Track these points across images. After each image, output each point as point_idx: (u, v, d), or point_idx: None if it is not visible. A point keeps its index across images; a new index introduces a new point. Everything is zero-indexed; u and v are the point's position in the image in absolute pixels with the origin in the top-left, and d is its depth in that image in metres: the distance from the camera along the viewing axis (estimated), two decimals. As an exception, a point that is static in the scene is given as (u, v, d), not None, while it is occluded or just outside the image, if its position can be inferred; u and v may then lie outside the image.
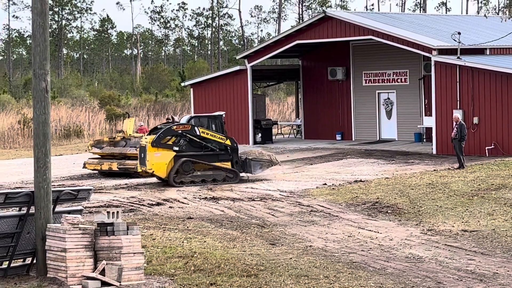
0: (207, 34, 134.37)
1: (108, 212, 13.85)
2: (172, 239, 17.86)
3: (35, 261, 14.31)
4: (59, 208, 14.78)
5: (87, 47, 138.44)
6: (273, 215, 21.55)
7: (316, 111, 44.35)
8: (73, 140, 51.33)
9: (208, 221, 20.70)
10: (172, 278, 14.09)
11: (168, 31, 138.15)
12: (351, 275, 14.42)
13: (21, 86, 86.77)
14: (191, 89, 45.66)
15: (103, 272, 13.47)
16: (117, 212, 13.86)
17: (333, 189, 25.62)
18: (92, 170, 32.13)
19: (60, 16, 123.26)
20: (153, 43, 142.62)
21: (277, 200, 23.99)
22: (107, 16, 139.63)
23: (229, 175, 28.62)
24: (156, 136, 27.96)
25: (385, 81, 41.88)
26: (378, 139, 42.07)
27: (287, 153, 38.03)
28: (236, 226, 19.93)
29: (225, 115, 31.19)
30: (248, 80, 42.58)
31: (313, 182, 27.55)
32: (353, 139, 42.86)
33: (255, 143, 42.41)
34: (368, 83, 42.50)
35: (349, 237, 18.33)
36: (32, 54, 14.36)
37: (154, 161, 27.88)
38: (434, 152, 35.25)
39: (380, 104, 42.23)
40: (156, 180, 28.93)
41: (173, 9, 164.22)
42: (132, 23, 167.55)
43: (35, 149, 14.28)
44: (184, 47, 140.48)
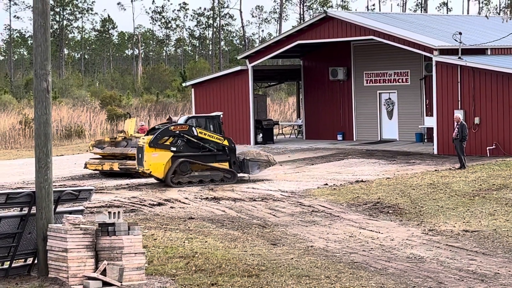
0: (208, 34, 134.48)
1: (109, 212, 13.86)
2: (173, 239, 17.86)
3: (36, 261, 14.31)
4: (60, 208, 14.79)
5: (88, 47, 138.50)
6: (274, 215, 21.55)
7: (317, 111, 44.34)
8: (74, 140, 51.32)
9: (209, 221, 20.70)
10: (173, 278, 14.09)
11: (169, 31, 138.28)
12: (352, 275, 14.42)
13: (22, 86, 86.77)
14: (192, 89, 45.64)
15: (104, 272, 13.48)
16: (118, 212, 13.87)
17: (334, 189, 25.61)
18: (93, 170, 32.14)
19: (61, 16, 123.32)
20: (154, 43, 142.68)
21: (278, 200, 23.98)
22: (108, 16, 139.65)
23: (226, 176, 28.56)
24: (153, 137, 27.92)
25: (386, 81, 41.87)
26: (379, 139, 42.06)
27: (288, 153, 38.02)
28: (237, 226, 19.93)
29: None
30: (249, 80, 42.57)
31: (314, 182, 27.54)
32: (354, 139, 42.85)
33: (256, 143, 42.39)
34: (369, 83, 42.49)
35: (350, 237, 18.32)
36: (33, 54, 14.36)
37: (152, 161, 27.85)
38: (435, 152, 35.24)
39: (381, 104, 42.22)
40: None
41: (174, 9, 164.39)
42: (133, 23, 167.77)
43: (36, 149, 14.29)
44: (185, 47, 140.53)
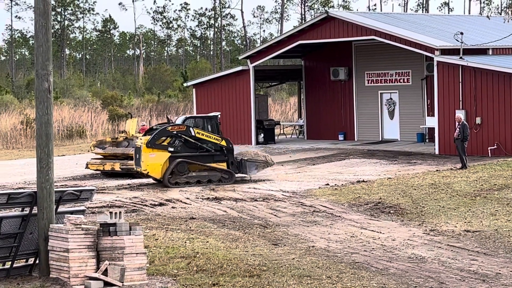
0: (210, 34, 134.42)
1: (110, 213, 13.87)
2: (174, 239, 17.86)
3: (37, 261, 14.31)
4: (61, 209, 14.78)
5: (89, 48, 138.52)
6: (275, 215, 21.54)
7: (319, 111, 44.33)
8: (75, 141, 51.32)
9: (210, 221, 20.70)
10: (175, 278, 14.09)
11: (171, 32, 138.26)
12: (353, 275, 14.42)
13: (24, 86, 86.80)
14: (194, 90, 45.63)
15: (105, 273, 13.48)
16: (120, 212, 13.87)
17: (335, 189, 25.61)
18: (95, 170, 32.15)
19: (63, 16, 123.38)
20: (155, 43, 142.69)
21: (279, 200, 23.98)
22: (110, 16, 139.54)
23: (224, 176, 28.52)
24: (151, 137, 27.90)
25: (388, 81, 41.86)
26: (380, 139, 42.05)
27: (289, 153, 38.02)
28: (238, 227, 19.93)
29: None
30: (251, 80, 42.57)
31: (316, 183, 27.54)
32: (355, 139, 42.85)
33: (257, 143, 42.40)
34: (371, 83, 42.49)
35: (351, 237, 18.32)
36: (35, 55, 14.36)
37: (149, 162, 27.83)
38: (437, 152, 35.23)
39: (382, 104, 42.21)
40: (158, 181, 28.96)
41: (176, 10, 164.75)
42: (135, 24, 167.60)
43: (37, 149, 14.29)
44: (186, 47, 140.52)
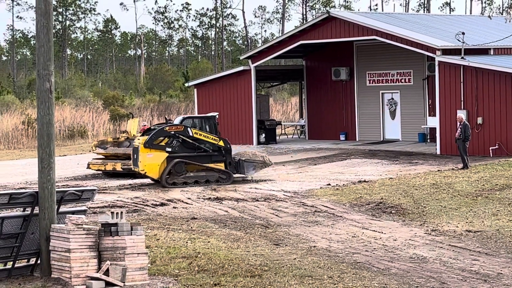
0: (211, 34, 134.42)
1: (112, 213, 13.87)
2: (176, 239, 17.86)
3: (39, 261, 14.32)
4: (63, 209, 14.79)
5: (91, 48, 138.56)
6: (277, 215, 21.54)
7: (320, 111, 44.33)
8: (77, 141, 51.32)
9: (212, 221, 20.70)
10: (176, 278, 14.09)
11: (172, 32, 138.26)
12: (355, 276, 14.41)
13: (25, 86, 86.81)
14: (195, 90, 45.63)
15: (107, 273, 13.49)
16: (121, 212, 13.87)
17: (337, 189, 25.61)
18: (96, 170, 32.15)
19: (64, 16, 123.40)
20: (156, 43, 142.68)
21: (281, 200, 23.98)
22: (111, 16, 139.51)
23: (222, 176, 28.48)
24: (148, 137, 27.89)
25: (389, 81, 41.85)
26: (382, 139, 42.04)
27: (291, 153, 38.01)
28: (240, 227, 19.93)
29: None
30: (252, 80, 42.57)
31: (317, 183, 27.54)
32: (357, 139, 42.84)
33: (259, 143, 42.40)
34: (372, 83, 42.48)
35: (353, 237, 18.32)
36: (36, 55, 14.36)
37: (147, 162, 27.81)
38: (438, 152, 35.22)
39: (384, 105, 42.20)
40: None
41: (177, 10, 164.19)
42: (136, 24, 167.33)
43: (39, 149, 14.29)
44: (187, 47, 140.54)
